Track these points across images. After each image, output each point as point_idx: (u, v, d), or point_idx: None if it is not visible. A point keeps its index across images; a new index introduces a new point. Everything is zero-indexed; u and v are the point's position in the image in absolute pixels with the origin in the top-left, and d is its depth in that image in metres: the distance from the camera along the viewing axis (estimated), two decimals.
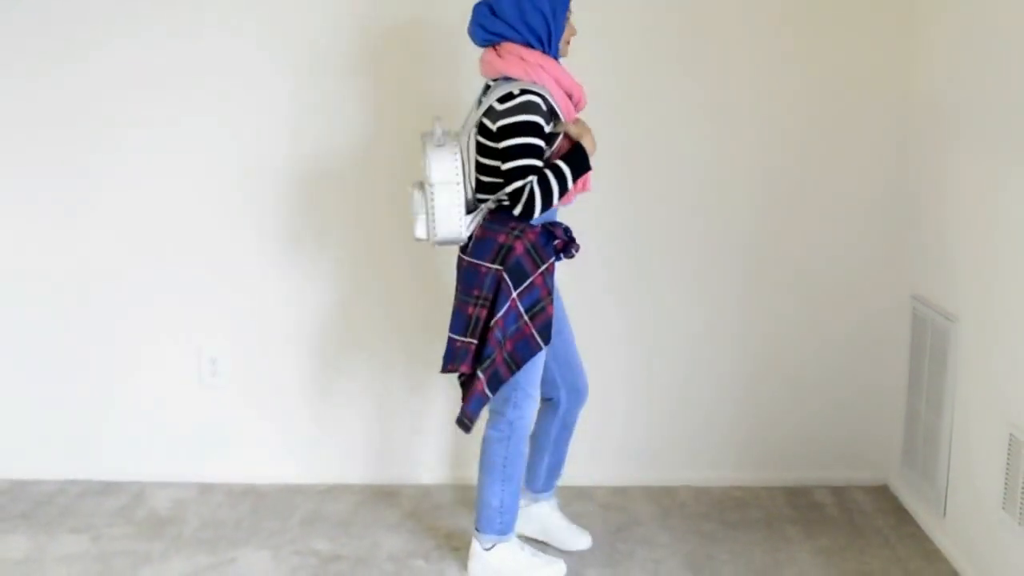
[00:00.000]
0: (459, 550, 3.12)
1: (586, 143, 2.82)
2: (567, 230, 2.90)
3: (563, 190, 2.76)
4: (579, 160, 2.80)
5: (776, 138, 3.43)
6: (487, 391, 2.84)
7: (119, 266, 3.51)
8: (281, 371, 3.58)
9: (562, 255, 2.89)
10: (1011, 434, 2.67)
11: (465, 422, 2.90)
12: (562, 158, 2.80)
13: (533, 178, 2.72)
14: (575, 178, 2.79)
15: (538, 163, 2.74)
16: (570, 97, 2.82)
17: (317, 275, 3.52)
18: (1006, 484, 2.70)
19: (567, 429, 3.14)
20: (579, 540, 3.16)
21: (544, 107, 2.74)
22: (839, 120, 3.41)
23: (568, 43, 2.87)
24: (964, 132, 3.01)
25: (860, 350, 3.52)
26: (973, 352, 2.95)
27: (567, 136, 2.83)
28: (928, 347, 3.22)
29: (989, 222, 2.85)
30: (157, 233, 3.50)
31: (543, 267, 2.84)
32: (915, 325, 3.34)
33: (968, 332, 2.97)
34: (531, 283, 2.83)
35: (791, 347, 3.53)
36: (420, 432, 3.61)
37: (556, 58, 2.82)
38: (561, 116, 2.80)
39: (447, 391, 3.55)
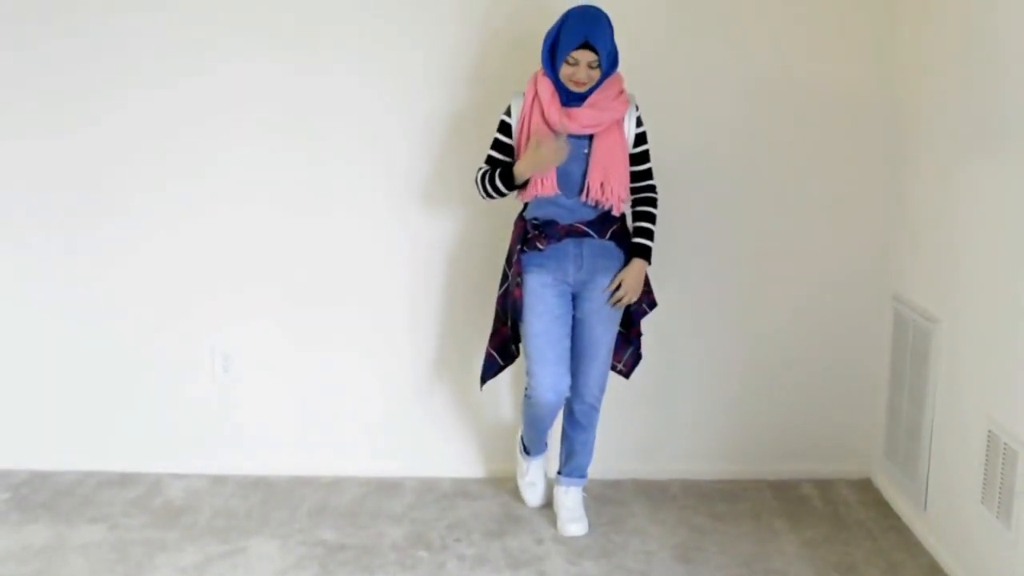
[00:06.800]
0: (460, 541, 3.20)
1: (518, 166, 3.02)
2: (537, 224, 3.10)
3: (484, 190, 3.10)
4: (505, 174, 3.02)
5: (759, 141, 3.46)
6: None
7: (135, 263, 3.57)
8: (291, 367, 3.63)
9: (526, 248, 3.10)
10: (989, 431, 2.72)
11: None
12: (502, 167, 3.03)
13: (481, 167, 3.14)
14: (491, 188, 3.07)
15: (491, 153, 3.14)
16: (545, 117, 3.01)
17: (327, 274, 3.58)
18: (984, 479, 2.75)
19: (568, 419, 3.31)
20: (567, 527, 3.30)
21: (509, 109, 3.10)
22: (821, 123, 3.44)
23: (574, 82, 2.97)
24: (945, 137, 3.04)
25: (844, 349, 3.57)
26: (954, 352, 2.98)
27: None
28: (910, 347, 3.25)
29: (970, 226, 2.88)
30: (172, 231, 3.55)
31: (511, 256, 3.16)
32: (897, 326, 3.37)
33: (949, 333, 3.01)
34: (504, 271, 3.20)
35: (777, 345, 3.58)
36: (424, 426, 3.66)
37: (553, 78, 2.99)
38: (513, 124, 3.08)
39: (450, 386, 3.63)
